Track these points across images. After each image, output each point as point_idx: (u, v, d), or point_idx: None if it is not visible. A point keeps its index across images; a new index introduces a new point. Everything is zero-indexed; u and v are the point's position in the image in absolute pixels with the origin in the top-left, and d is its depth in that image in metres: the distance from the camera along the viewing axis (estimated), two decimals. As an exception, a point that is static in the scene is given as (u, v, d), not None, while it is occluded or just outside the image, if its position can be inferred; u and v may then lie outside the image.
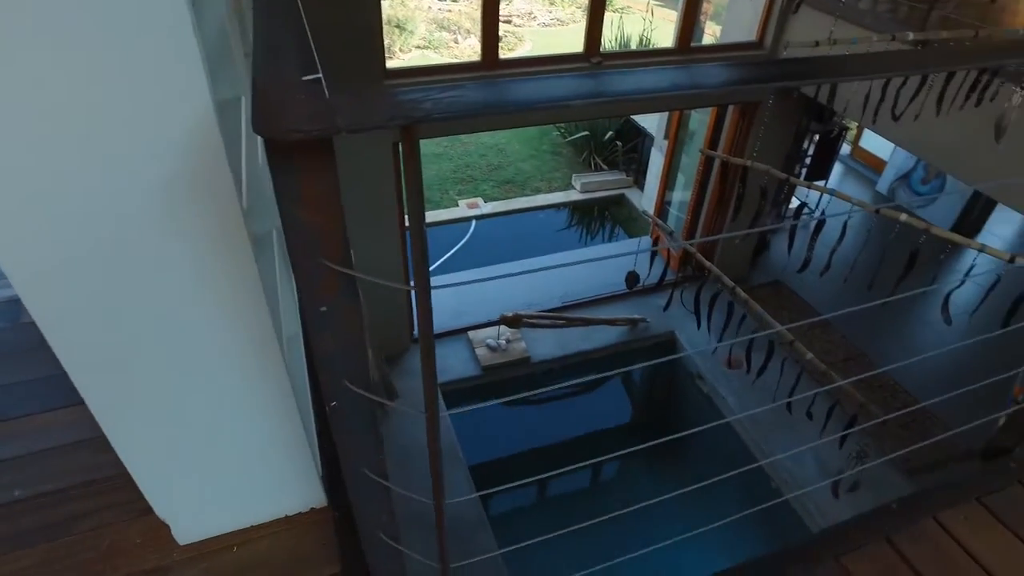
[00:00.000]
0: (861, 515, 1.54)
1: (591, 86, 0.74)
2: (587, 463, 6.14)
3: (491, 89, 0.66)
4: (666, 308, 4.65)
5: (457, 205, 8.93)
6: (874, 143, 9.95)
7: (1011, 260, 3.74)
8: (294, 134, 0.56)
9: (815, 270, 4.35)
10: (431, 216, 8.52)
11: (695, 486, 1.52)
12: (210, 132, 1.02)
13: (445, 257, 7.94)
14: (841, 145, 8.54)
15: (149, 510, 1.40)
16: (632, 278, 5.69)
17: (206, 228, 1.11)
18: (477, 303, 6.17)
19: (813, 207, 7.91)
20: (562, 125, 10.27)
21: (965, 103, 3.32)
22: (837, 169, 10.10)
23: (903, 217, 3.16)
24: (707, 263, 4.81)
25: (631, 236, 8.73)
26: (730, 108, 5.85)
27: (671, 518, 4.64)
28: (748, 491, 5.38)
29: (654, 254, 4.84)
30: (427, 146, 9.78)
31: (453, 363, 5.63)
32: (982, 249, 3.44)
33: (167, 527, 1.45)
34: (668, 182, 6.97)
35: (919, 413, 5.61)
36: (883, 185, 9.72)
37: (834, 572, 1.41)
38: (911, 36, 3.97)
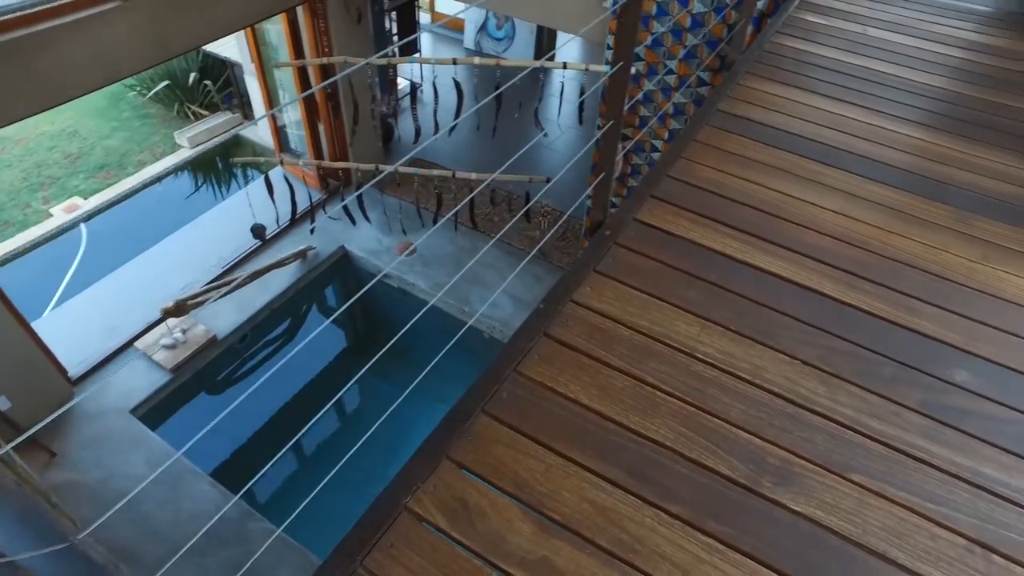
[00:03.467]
0: (521, 325, 1.75)
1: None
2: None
3: None
4: (312, 231, 4.54)
5: (51, 215, 7.43)
6: (447, 6, 10.50)
7: (586, 70, 4.37)
8: None
9: (441, 134, 4.61)
10: (21, 239, 6.98)
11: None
12: None
13: (67, 280, 6.67)
14: (419, 15, 8.87)
15: None
16: (259, 230, 5.42)
17: None
18: (129, 309, 5.39)
19: (419, 80, 8.23)
20: (136, 84, 8.92)
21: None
22: (426, 38, 10.55)
23: (477, 60, 3.47)
24: (351, 165, 4.77)
25: (264, 173, 8.25)
26: (300, 12, 5.62)
27: (421, 412, 4.84)
28: (472, 353, 5.86)
29: (271, 189, 4.60)
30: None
31: (135, 382, 4.93)
32: (549, 64, 3.92)
33: None
34: (274, 105, 6.61)
35: (570, 222, 6.53)
36: (469, 40, 10.44)
37: (515, 382, 1.61)
38: None
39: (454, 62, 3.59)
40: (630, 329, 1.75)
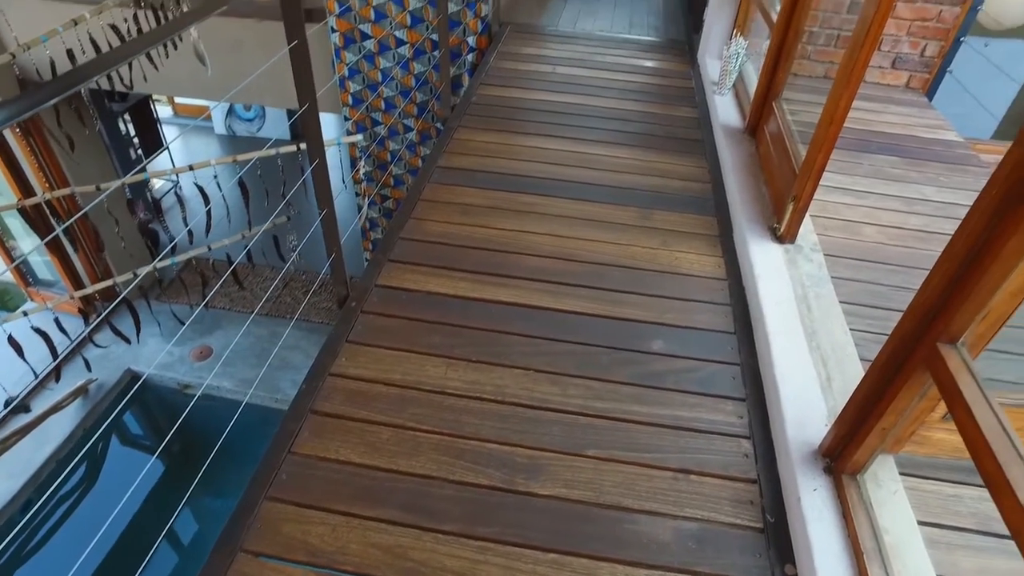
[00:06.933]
0: (289, 408, 1.90)
1: None
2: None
3: None
4: (89, 368, 4.21)
5: None
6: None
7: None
8: None
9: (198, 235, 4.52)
10: None
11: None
12: None
13: None
14: (156, 111, 8.55)
15: None
16: (22, 408, 4.95)
17: None
18: None
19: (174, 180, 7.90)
20: None
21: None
22: (174, 132, 10.14)
23: (213, 161, 3.52)
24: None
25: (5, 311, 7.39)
26: (9, 136, 5.22)
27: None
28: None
29: (18, 348, 4.23)
30: None
31: None
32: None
33: None
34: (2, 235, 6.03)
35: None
36: (219, 126, 10.23)
37: (292, 462, 1.75)
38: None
39: (191, 168, 3.61)
40: (386, 385, 1.97)
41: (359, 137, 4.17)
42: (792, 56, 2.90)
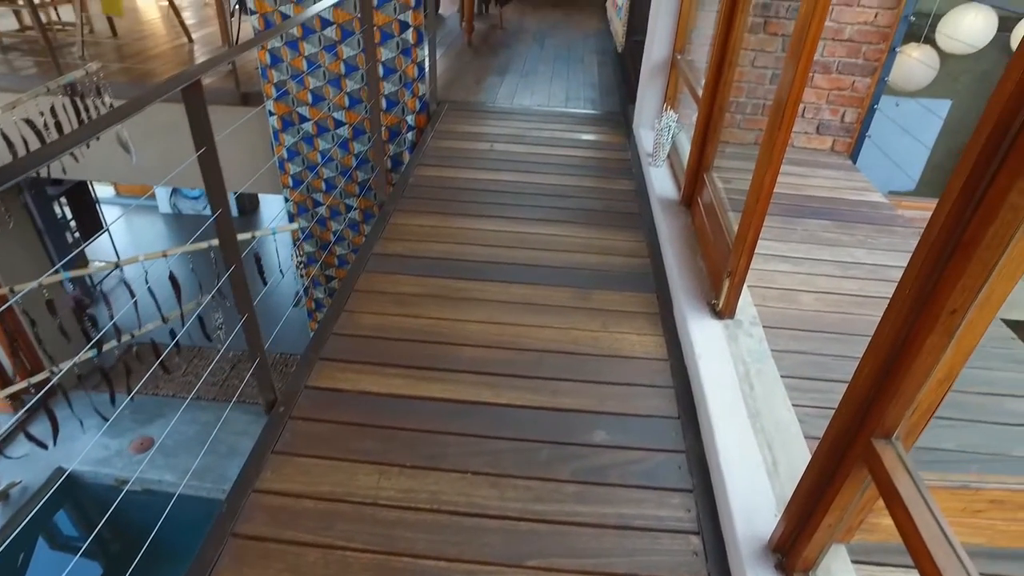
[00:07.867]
0: (207, 532, 1.75)
1: None
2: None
3: None
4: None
5: None
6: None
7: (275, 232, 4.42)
8: None
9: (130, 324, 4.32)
10: None
11: None
12: None
13: None
14: (95, 193, 8.39)
15: None
16: None
17: None
18: None
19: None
20: None
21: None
22: (114, 213, 9.93)
23: (142, 256, 3.40)
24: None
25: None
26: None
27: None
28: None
29: None
30: None
31: None
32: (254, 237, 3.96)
33: None
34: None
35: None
36: (164, 205, 10.06)
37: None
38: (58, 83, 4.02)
39: (117, 266, 3.47)
40: (314, 499, 1.84)
41: (295, 226, 4.11)
42: (719, 129, 2.98)
